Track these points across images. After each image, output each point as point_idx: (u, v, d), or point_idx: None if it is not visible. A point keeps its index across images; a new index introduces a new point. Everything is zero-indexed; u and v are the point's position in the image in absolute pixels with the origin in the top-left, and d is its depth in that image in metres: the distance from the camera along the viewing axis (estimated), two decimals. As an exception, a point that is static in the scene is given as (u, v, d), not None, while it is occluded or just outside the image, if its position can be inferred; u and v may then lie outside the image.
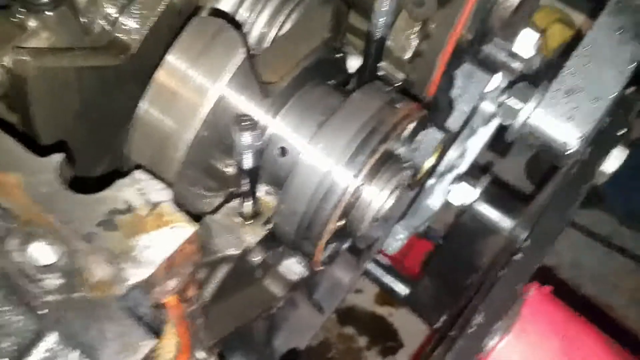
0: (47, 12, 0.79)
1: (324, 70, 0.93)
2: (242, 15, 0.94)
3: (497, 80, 1.20)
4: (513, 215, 1.34)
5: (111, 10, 0.86)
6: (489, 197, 1.34)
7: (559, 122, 1.04)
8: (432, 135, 1.00)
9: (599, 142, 0.99)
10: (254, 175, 0.77)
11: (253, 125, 0.71)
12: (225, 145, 0.82)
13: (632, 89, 1.04)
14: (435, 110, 1.10)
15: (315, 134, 0.81)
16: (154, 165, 0.81)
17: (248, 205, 0.83)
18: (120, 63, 0.84)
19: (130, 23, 0.87)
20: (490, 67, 1.17)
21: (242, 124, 0.70)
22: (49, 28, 0.80)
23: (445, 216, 1.55)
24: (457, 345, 0.81)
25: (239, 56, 0.78)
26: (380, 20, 0.89)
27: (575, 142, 1.03)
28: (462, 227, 1.55)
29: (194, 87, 0.79)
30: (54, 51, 0.79)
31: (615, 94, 1.01)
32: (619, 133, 1.00)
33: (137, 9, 0.87)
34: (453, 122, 1.22)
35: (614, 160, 1.03)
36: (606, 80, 1.02)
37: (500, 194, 1.41)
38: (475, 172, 1.36)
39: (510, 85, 1.11)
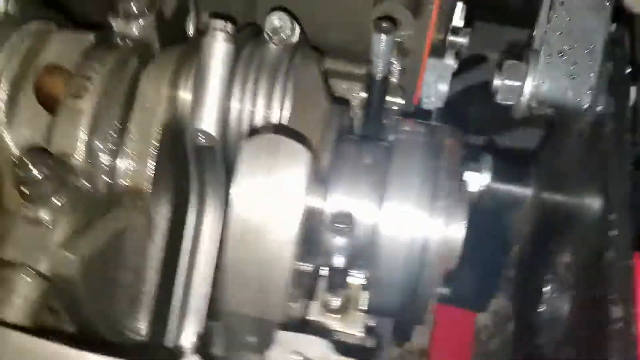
0: (54, 200, 0.71)
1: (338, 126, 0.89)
2: (235, 107, 0.88)
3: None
4: (527, 180, 1.33)
5: (105, 159, 0.79)
6: (498, 173, 1.33)
7: (565, 83, 1.03)
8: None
9: (613, 89, 0.99)
10: (345, 271, 0.72)
11: (349, 225, 0.66)
12: (308, 248, 0.76)
13: (614, 25, 1.05)
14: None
15: (381, 196, 0.77)
16: (258, 306, 0.75)
17: (337, 300, 0.78)
18: (142, 212, 0.77)
19: (130, 165, 0.79)
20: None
21: (337, 226, 0.65)
22: (64, 211, 0.72)
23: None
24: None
25: (307, 162, 0.72)
26: (381, 61, 0.86)
27: (587, 96, 1.03)
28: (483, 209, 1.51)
29: (275, 217, 0.72)
30: (81, 236, 0.71)
31: (605, 37, 1.02)
32: (627, 71, 1.01)
33: (132, 146, 0.80)
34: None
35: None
36: (591, 28, 1.02)
37: (507, 165, 1.39)
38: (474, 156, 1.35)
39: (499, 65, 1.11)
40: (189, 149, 0.86)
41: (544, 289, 1.12)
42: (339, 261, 0.70)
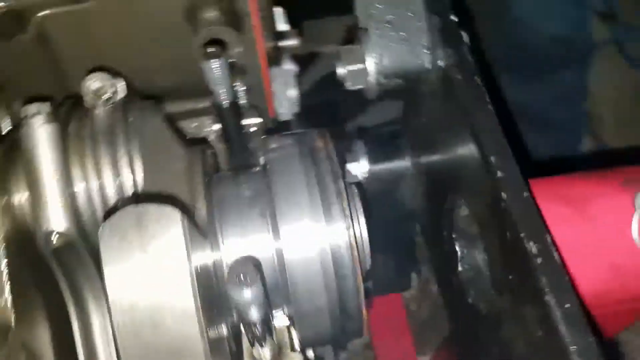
0: None
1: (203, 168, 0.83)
2: (81, 190, 0.79)
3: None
4: (402, 153, 1.35)
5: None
6: (373, 155, 1.33)
7: (401, 49, 1.04)
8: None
9: (446, 40, 1.01)
10: (268, 321, 0.66)
11: (252, 272, 0.59)
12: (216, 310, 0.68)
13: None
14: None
15: (275, 224, 0.72)
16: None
17: (267, 350, 0.71)
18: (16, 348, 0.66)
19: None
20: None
21: (236, 280, 0.58)
22: None
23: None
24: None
25: (179, 221, 0.65)
26: (222, 87, 0.80)
27: (425, 56, 1.04)
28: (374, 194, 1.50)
29: (165, 293, 0.64)
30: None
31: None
32: (452, 19, 1.04)
33: None
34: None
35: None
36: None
37: (378, 145, 1.39)
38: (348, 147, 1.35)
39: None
40: (46, 254, 0.75)
41: (456, 249, 1.12)
42: (254, 314, 0.63)
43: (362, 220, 0.78)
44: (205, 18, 0.90)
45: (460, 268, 1.13)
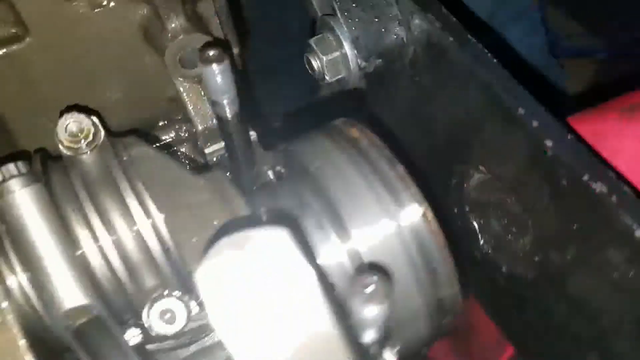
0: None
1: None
2: (91, 249, 0.64)
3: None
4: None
5: None
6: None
7: (375, 27, 0.97)
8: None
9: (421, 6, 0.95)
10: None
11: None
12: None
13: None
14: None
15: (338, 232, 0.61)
16: None
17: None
18: None
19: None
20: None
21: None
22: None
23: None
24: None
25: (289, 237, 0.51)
26: (227, 96, 0.68)
27: (400, 28, 0.98)
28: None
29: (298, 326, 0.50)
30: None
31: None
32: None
33: None
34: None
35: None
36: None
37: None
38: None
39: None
40: (69, 338, 0.59)
41: (472, 223, 1.06)
42: (372, 335, 0.52)
43: (424, 200, 0.69)
44: (173, 28, 0.77)
45: (482, 241, 1.07)
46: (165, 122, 0.94)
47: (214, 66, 0.65)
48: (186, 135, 0.96)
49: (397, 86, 1.11)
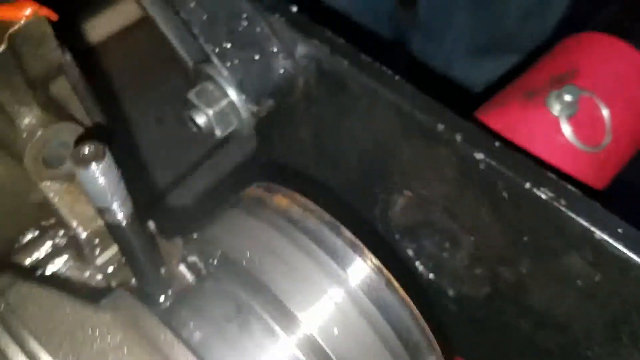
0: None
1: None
2: None
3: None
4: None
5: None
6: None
7: (256, 66, 0.86)
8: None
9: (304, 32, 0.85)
10: None
11: None
12: None
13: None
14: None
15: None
16: None
17: None
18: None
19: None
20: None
21: None
22: None
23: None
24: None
25: None
26: (112, 198, 0.54)
27: (288, 62, 0.88)
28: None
29: None
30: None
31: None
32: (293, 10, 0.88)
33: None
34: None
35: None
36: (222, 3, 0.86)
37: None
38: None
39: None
40: None
41: (406, 251, 0.98)
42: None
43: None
44: (27, 125, 0.63)
45: (420, 267, 0.99)
46: (37, 232, 0.78)
47: (93, 167, 0.51)
48: (65, 241, 0.80)
49: (293, 124, 1.01)
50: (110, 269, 0.74)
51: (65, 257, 0.81)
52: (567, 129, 0.88)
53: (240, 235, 0.60)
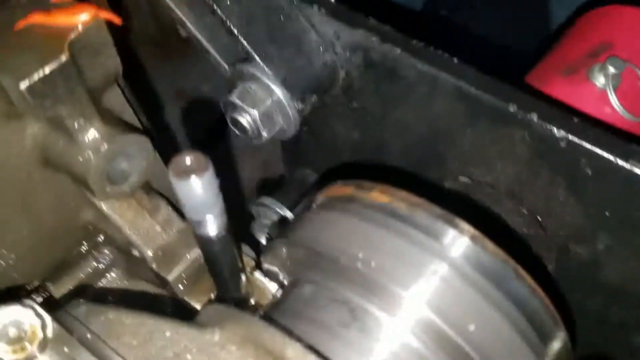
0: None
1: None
2: None
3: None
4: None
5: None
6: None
7: (302, 60, 0.82)
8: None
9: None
10: None
11: None
12: None
13: None
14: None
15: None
16: None
17: None
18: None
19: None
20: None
21: None
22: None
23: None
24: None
25: None
26: (208, 210, 0.49)
27: (328, 54, 0.84)
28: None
29: None
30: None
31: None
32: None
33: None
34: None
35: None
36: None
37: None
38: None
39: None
40: None
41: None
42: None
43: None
44: (91, 141, 0.58)
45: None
46: (84, 250, 0.71)
47: (193, 179, 0.46)
48: (111, 258, 0.74)
49: (330, 120, 0.96)
50: (182, 285, 0.69)
51: (112, 275, 0.75)
52: (614, 101, 0.88)
53: (346, 237, 0.56)
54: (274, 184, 1.22)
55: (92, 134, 0.58)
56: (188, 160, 0.49)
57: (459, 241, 0.55)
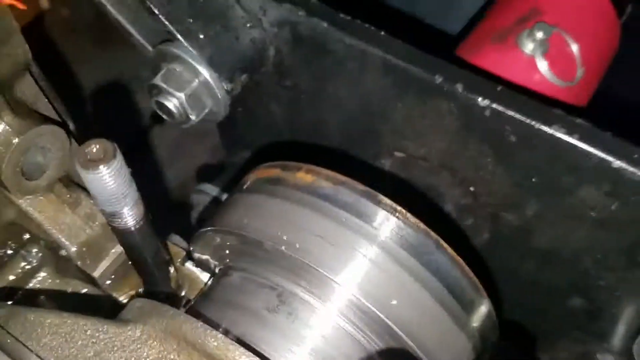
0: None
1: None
2: None
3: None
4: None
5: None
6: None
7: (228, 38, 0.79)
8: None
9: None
10: None
11: None
12: None
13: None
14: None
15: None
16: None
17: None
18: None
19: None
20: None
21: None
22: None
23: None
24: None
25: None
26: (125, 201, 0.48)
27: (257, 33, 0.82)
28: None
29: None
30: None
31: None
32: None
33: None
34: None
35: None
36: None
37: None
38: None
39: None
40: None
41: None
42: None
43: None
44: (1, 134, 0.55)
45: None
46: (9, 252, 0.69)
47: (102, 168, 0.44)
48: (40, 258, 0.72)
49: (263, 99, 0.95)
50: (109, 280, 0.67)
51: (43, 274, 0.73)
52: (542, 66, 0.89)
53: (270, 220, 0.55)
54: (218, 169, 1.20)
55: (1, 127, 0.55)
56: (94, 148, 0.47)
57: (381, 217, 0.55)
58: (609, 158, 0.65)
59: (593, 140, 0.66)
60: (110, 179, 0.46)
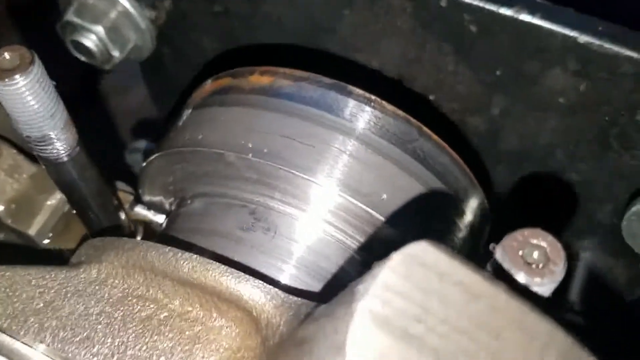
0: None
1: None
2: None
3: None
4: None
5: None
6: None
7: None
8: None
9: None
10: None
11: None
12: None
13: None
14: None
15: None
16: None
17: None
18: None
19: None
20: None
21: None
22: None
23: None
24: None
25: None
26: (44, 121, 0.39)
27: None
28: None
29: None
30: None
31: None
32: None
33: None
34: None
35: None
36: None
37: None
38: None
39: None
40: None
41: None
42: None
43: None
44: None
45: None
46: None
47: (18, 78, 0.36)
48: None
49: (194, 34, 0.86)
50: (48, 239, 0.58)
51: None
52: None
53: (229, 130, 0.48)
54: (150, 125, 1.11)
55: None
56: (7, 55, 0.38)
57: (354, 107, 0.49)
58: (574, 34, 0.61)
59: (556, 18, 0.62)
60: (29, 92, 0.38)
